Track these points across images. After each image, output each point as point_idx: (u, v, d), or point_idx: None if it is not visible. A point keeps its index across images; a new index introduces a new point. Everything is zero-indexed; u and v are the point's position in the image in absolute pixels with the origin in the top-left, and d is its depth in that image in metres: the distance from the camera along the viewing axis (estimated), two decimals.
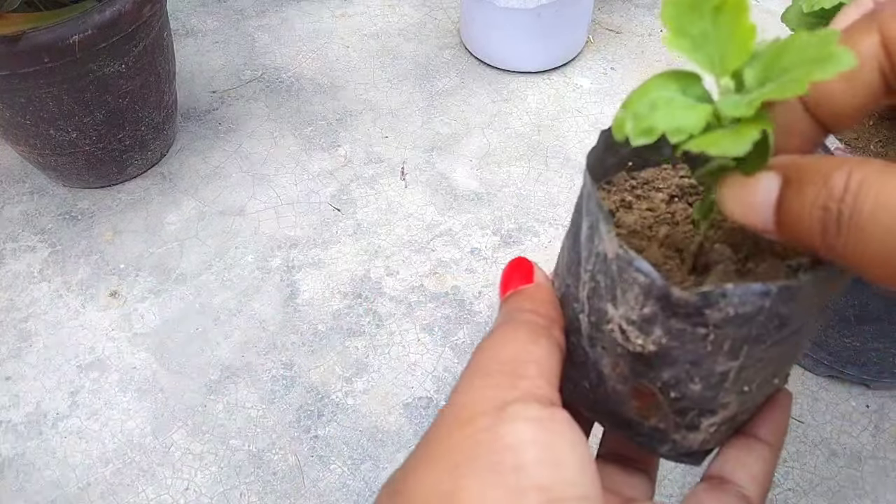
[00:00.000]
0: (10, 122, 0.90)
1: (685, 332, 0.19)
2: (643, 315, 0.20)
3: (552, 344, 0.22)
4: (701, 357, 0.20)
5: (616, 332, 0.21)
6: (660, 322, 0.20)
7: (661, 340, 0.20)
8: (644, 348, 0.20)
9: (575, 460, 0.19)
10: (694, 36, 0.19)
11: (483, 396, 0.20)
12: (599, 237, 0.20)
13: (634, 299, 0.20)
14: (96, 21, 0.83)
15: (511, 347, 0.21)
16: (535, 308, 0.23)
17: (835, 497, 0.75)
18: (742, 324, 0.19)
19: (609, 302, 0.21)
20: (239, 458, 0.78)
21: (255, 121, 1.14)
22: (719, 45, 0.18)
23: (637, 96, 0.19)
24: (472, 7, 1.16)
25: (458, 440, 0.19)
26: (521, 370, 0.20)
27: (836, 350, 0.78)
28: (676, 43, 0.19)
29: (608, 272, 0.20)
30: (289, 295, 0.92)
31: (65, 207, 1.02)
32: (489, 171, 1.06)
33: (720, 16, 0.18)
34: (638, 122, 0.18)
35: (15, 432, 0.80)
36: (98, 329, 0.89)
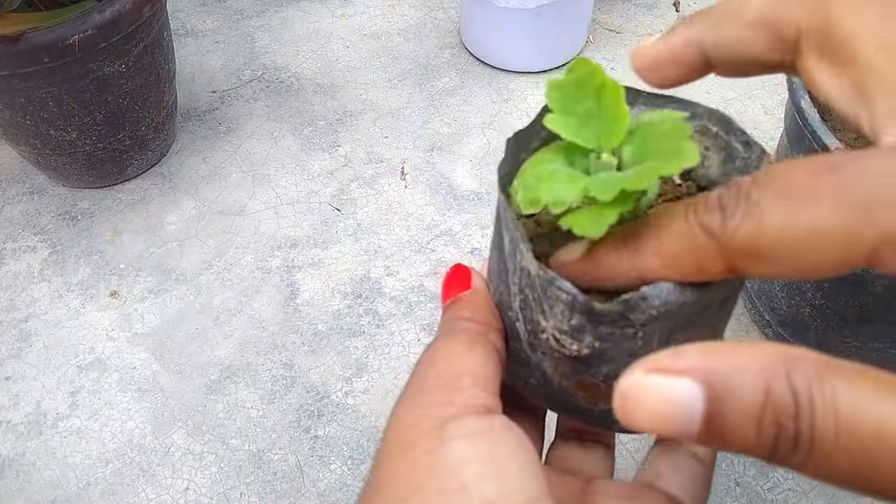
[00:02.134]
0: (10, 122, 0.90)
1: (615, 335, 0.20)
2: (572, 326, 0.21)
3: (488, 350, 0.22)
4: (635, 349, 0.21)
5: (551, 340, 0.22)
6: (588, 330, 0.21)
7: (595, 344, 0.21)
8: (579, 352, 0.21)
9: (516, 466, 0.19)
10: (580, 115, 0.21)
11: (422, 415, 0.20)
12: (521, 254, 0.21)
13: (561, 313, 0.21)
14: (96, 21, 0.83)
15: (448, 360, 0.22)
16: (471, 315, 0.24)
17: (835, 497, 0.75)
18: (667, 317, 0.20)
19: (540, 314, 0.21)
20: (239, 458, 0.78)
21: (255, 121, 1.14)
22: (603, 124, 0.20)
23: (529, 167, 0.21)
24: (472, 7, 1.16)
25: (403, 468, 0.19)
26: (456, 382, 0.21)
27: (836, 350, 0.78)
28: (563, 122, 0.21)
29: (534, 287, 0.21)
30: (289, 295, 0.92)
31: (65, 207, 1.02)
32: (489, 171, 1.06)
33: (602, 95, 0.21)
34: (526, 193, 0.20)
35: (15, 432, 0.80)
36: (98, 329, 0.89)
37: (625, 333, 0.20)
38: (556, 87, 0.21)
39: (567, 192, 0.20)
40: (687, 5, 1.34)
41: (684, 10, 1.33)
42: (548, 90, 0.21)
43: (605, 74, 0.21)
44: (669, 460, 0.25)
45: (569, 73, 0.21)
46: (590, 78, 0.21)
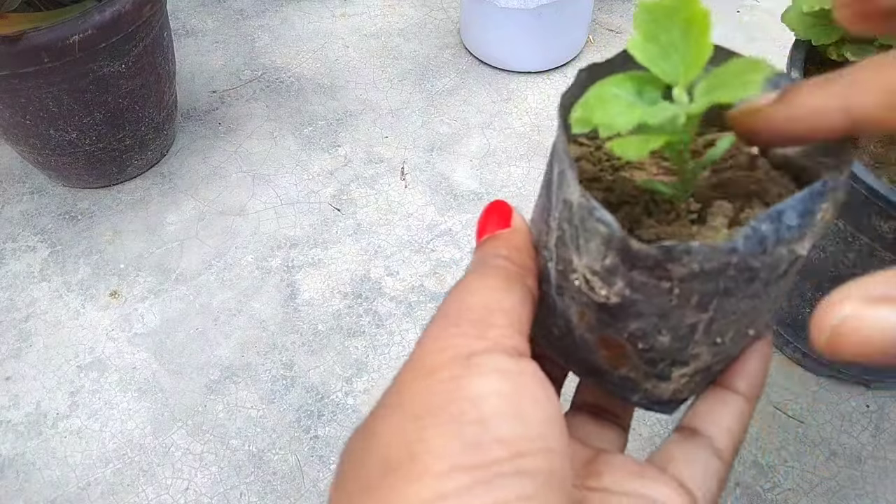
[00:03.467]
0: (10, 122, 0.90)
1: (648, 285, 0.19)
2: (605, 266, 0.20)
3: (525, 292, 0.21)
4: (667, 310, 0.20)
5: (581, 281, 0.21)
6: (621, 273, 0.19)
7: (625, 292, 0.20)
8: (608, 299, 0.20)
9: (539, 412, 0.18)
10: (663, 45, 0.20)
11: (450, 345, 0.19)
12: (566, 184, 0.20)
13: (596, 249, 0.20)
14: (96, 21, 0.83)
15: (481, 295, 0.21)
16: (509, 254, 0.22)
17: (835, 497, 0.75)
18: (709, 279, 0.19)
19: (574, 251, 0.20)
20: (239, 458, 0.78)
21: (255, 121, 1.14)
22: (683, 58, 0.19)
23: (595, 89, 0.20)
24: (472, 7, 1.16)
25: (421, 389, 0.19)
26: (491, 319, 0.20)
27: None
28: (643, 49, 0.20)
29: (572, 220, 0.20)
30: (289, 295, 0.92)
31: (65, 207, 1.02)
32: (489, 171, 1.06)
33: (690, 28, 0.19)
34: (581, 111, 0.19)
35: (15, 432, 0.80)
36: (98, 329, 0.89)
37: (660, 287, 0.19)
38: (645, 9, 0.20)
39: (621, 117, 0.19)
40: None
41: None
42: (637, 12, 0.20)
43: (698, 4, 0.20)
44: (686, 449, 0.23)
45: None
46: (681, 6, 0.19)
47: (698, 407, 0.24)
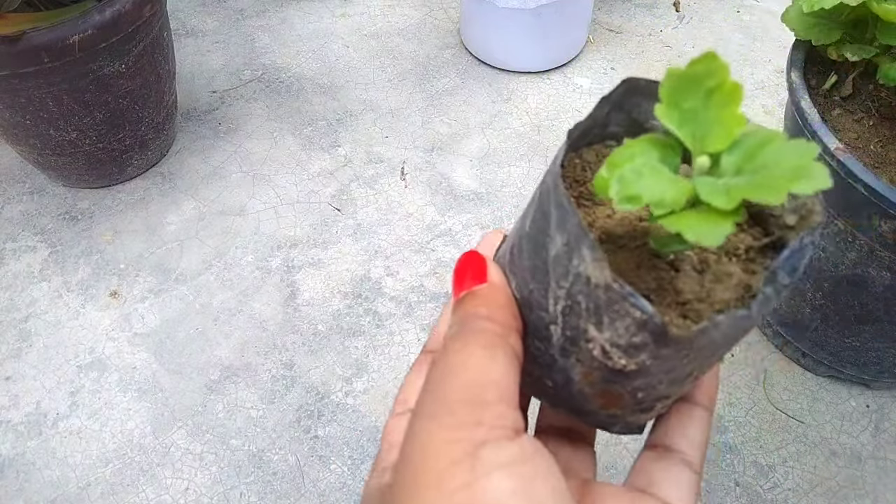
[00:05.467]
0: (10, 122, 0.90)
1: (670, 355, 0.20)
2: (632, 342, 0.20)
3: (509, 357, 0.21)
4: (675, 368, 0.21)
5: (597, 350, 0.21)
6: (649, 349, 0.20)
7: (646, 362, 0.20)
8: (625, 367, 0.20)
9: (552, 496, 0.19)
10: (683, 111, 0.20)
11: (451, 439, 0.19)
12: (581, 259, 0.20)
13: (625, 329, 0.20)
14: (96, 21, 0.83)
15: (468, 370, 0.21)
16: (490, 314, 0.22)
17: (835, 497, 0.75)
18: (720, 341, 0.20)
19: (592, 324, 0.20)
20: (239, 458, 0.78)
21: (255, 121, 1.14)
22: (704, 125, 0.19)
23: (623, 159, 0.19)
24: (472, 7, 1.16)
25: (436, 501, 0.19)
26: (483, 396, 0.20)
27: (836, 350, 0.78)
28: (667, 115, 0.20)
29: (592, 296, 0.20)
30: (289, 295, 0.92)
31: (65, 207, 1.02)
32: (489, 171, 1.06)
33: (712, 98, 0.19)
34: (623, 188, 0.19)
35: (15, 432, 0.80)
36: (98, 329, 0.89)
37: (679, 354, 0.20)
38: (672, 76, 0.20)
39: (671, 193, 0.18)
40: (687, 5, 1.34)
41: (684, 10, 1.33)
42: (665, 78, 0.20)
43: (726, 74, 0.20)
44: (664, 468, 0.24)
45: (692, 64, 0.20)
46: (708, 75, 0.20)
47: (667, 424, 0.25)
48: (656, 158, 0.20)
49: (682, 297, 0.22)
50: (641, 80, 0.22)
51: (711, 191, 0.18)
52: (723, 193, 0.18)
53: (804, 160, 0.18)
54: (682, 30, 1.29)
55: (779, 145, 0.19)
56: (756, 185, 0.18)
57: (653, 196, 0.19)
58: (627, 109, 0.24)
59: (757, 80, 1.19)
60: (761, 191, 0.18)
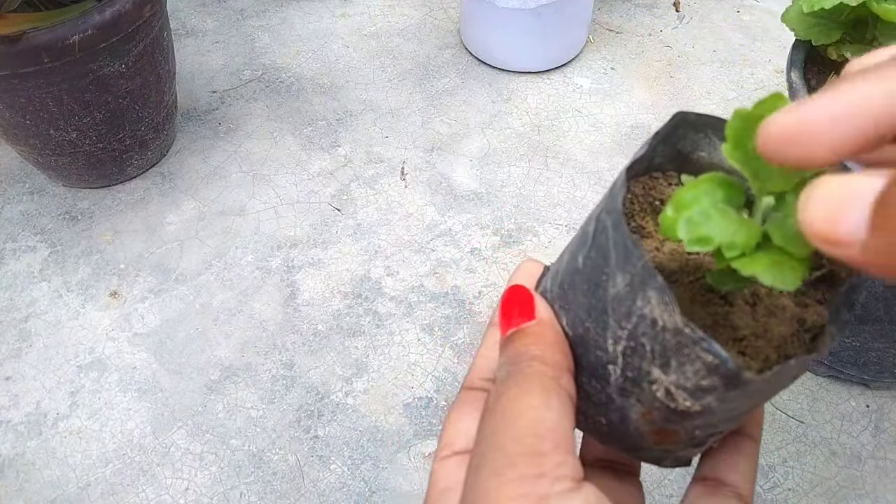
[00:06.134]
0: (10, 122, 0.90)
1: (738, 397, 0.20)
2: (701, 385, 0.20)
3: (563, 401, 0.21)
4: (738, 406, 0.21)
5: (661, 392, 0.21)
6: (717, 393, 0.20)
7: (711, 404, 0.20)
8: (690, 408, 0.20)
9: None
10: (748, 151, 0.19)
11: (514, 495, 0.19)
12: (646, 301, 0.20)
13: (694, 373, 0.19)
14: (96, 21, 0.83)
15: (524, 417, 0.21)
16: (542, 354, 0.22)
17: (835, 497, 0.75)
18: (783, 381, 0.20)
19: (658, 367, 0.20)
20: (239, 458, 0.78)
21: (255, 121, 1.14)
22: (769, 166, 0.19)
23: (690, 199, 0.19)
24: (472, 7, 1.16)
25: None
26: (542, 446, 0.20)
27: (836, 350, 0.78)
28: (733, 154, 0.19)
29: (658, 339, 0.20)
30: (289, 295, 0.92)
31: (65, 207, 1.02)
32: (489, 171, 1.06)
33: None
34: (692, 230, 0.19)
35: (15, 432, 0.80)
36: (98, 329, 0.89)
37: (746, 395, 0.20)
38: (739, 117, 0.20)
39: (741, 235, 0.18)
40: (687, 5, 1.34)
41: (684, 10, 1.33)
42: (731, 119, 0.20)
43: None
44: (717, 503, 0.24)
45: (758, 105, 0.20)
46: None
47: (717, 457, 0.25)
48: (722, 199, 0.20)
49: (738, 334, 0.21)
50: (691, 114, 0.23)
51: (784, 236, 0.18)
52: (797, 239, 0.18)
53: None
54: (682, 30, 1.29)
55: None
56: None
57: (724, 238, 0.18)
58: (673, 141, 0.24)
59: (757, 80, 1.19)
60: None
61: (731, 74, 1.20)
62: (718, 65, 1.22)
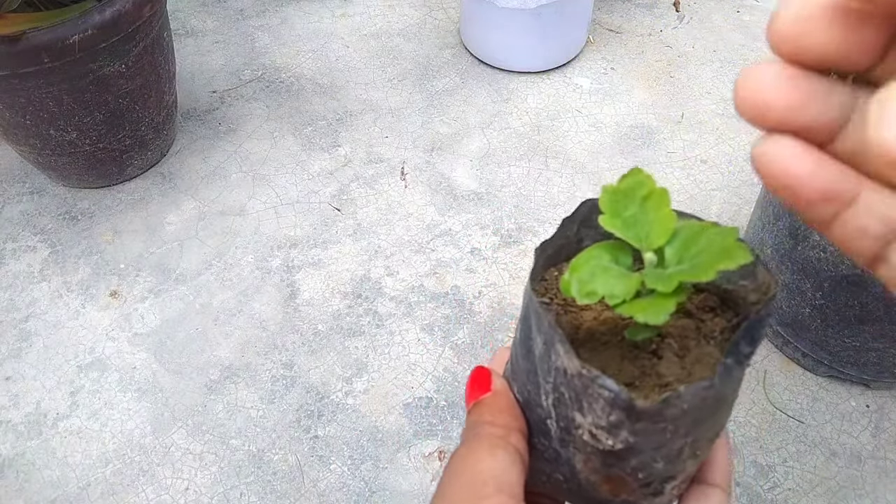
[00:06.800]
0: (10, 122, 0.90)
1: (648, 429, 0.22)
2: (611, 422, 0.22)
3: (510, 453, 0.24)
4: (662, 443, 0.23)
5: (586, 435, 0.23)
6: (626, 426, 0.22)
7: (629, 439, 0.23)
8: (613, 447, 0.23)
9: None
10: (625, 218, 0.24)
11: None
12: (556, 354, 0.23)
13: (601, 410, 0.22)
14: (96, 21, 0.83)
15: (471, 469, 0.23)
16: (493, 419, 0.25)
17: (835, 497, 0.75)
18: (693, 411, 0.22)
19: (576, 411, 0.23)
20: (239, 458, 0.78)
21: (255, 121, 1.14)
22: (645, 227, 0.23)
23: (581, 263, 0.23)
24: (472, 7, 1.16)
25: None
26: (481, 491, 0.22)
27: (836, 350, 0.78)
28: (611, 223, 0.23)
29: (571, 385, 0.23)
30: (289, 295, 0.92)
31: (65, 207, 1.02)
32: (489, 171, 1.06)
33: (647, 203, 0.23)
34: (581, 286, 0.23)
35: (15, 432, 0.80)
36: (98, 329, 0.89)
37: (657, 428, 0.22)
38: (609, 192, 0.24)
39: (620, 285, 0.22)
40: (687, 5, 1.34)
41: (684, 10, 1.33)
42: (601, 194, 0.24)
43: (653, 183, 0.24)
44: None
45: (622, 180, 0.24)
46: (639, 186, 0.24)
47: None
48: (608, 260, 0.24)
49: (663, 381, 0.25)
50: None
51: (655, 279, 0.22)
52: (664, 280, 0.22)
53: (727, 242, 0.22)
54: (682, 30, 1.29)
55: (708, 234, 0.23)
56: (691, 269, 0.22)
57: (606, 290, 0.22)
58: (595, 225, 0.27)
59: None
60: (695, 273, 0.21)
61: (731, 74, 1.20)
62: (718, 65, 1.22)
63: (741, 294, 0.26)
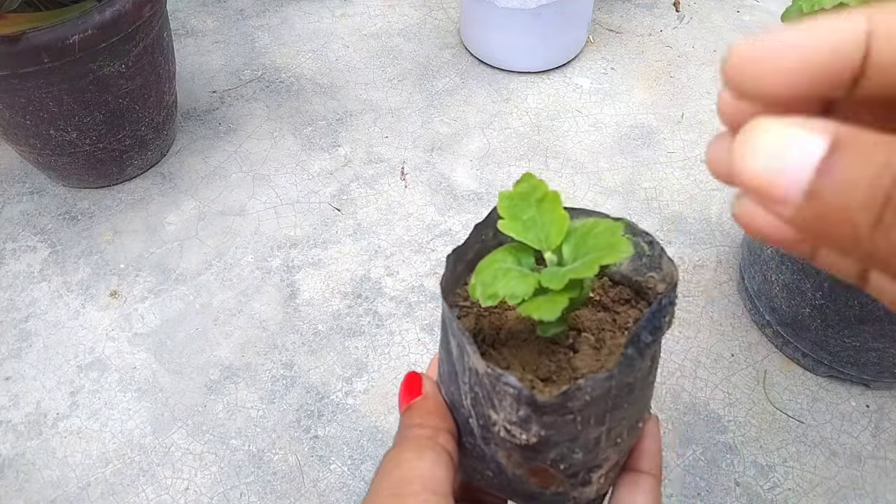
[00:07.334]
0: (10, 122, 0.90)
1: (557, 422, 0.23)
2: (520, 417, 0.23)
3: (437, 453, 0.25)
4: (575, 434, 0.24)
5: (502, 431, 0.24)
6: (535, 420, 0.23)
7: (541, 433, 0.23)
8: (528, 441, 0.24)
9: None
10: (524, 221, 0.25)
11: None
12: (468, 355, 0.24)
13: (510, 406, 0.23)
14: (96, 21, 0.83)
15: (398, 468, 0.24)
16: (421, 421, 0.26)
17: (835, 497, 0.75)
18: (600, 402, 0.23)
19: (490, 409, 0.24)
20: (239, 458, 0.78)
21: (255, 121, 1.14)
22: (544, 228, 0.24)
23: (484, 266, 0.24)
24: (472, 7, 1.16)
25: None
26: (406, 488, 0.23)
27: (836, 350, 0.78)
28: (511, 226, 0.24)
29: (483, 384, 0.24)
30: (289, 295, 0.92)
31: (65, 207, 1.02)
32: (489, 171, 1.06)
33: (542, 205, 0.25)
34: (485, 289, 0.24)
35: (15, 432, 0.80)
36: (98, 329, 0.89)
37: (565, 420, 0.23)
38: (505, 197, 0.25)
39: (520, 286, 0.23)
40: (687, 5, 1.34)
41: (684, 10, 1.33)
42: (499, 200, 0.25)
43: (545, 187, 0.25)
44: None
45: (516, 185, 0.25)
46: (533, 190, 0.25)
47: (620, 495, 0.28)
48: (511, 262, 0.25)
49: (578, 373, 0.25)
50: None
51: (549, 278, 0.23)
52: (556, 278, 0.23)
53: (613, 238, 0.23)
54: (682, 30, 1.29)
55: (597, 230, 0.24)
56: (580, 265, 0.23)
57: (506, 291, 0.23)
58: None
59: None
60: (583, 269, 0.22)
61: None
62: (718, 65, 1.22)
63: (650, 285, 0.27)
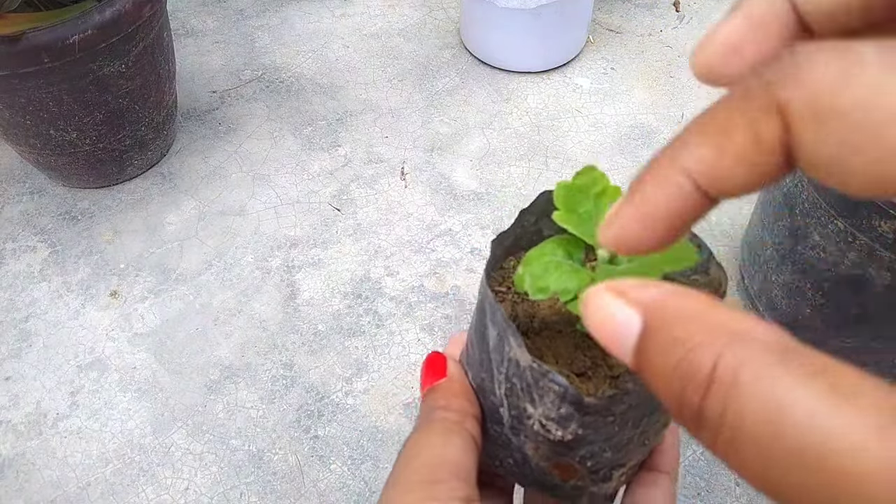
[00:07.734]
0: (10, 122, 0.90)
1: (597, 422, 0.23)
2: (560, 414, 0.23)
3: (464, 439, 0.24)
4: (611, 435, 0.24)
5: (537, 426, 0.24)
6: (575, 419, 0.23)
7: (578, 431, 0.23)
8: (563, 437, 0.23)
9: None
10: (580, 214, 0.24)
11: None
12: (510, 346, 0.23)
13: (551, 403, 0.23)
14: (96, 21, 0.83)
15: (426, 453, 0.24)
16: (447, 403, 0.26)
17: None
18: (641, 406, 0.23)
19: (528, 402, 0.24)
20: (239, 458, 0.78)
21: (255, 121, 1.14)
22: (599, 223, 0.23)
23: (534, 258, 0.24)
24: (472, 7, 1.16)
25: None
26: (437, 475, 0.23)
27: (836, 350, 0.78)
28: (566, 218, 0.24)
29: (523, 377, 0.23)
30: (289, 295, 0.92)
31: (65, 207, 1.02)
32: (489, 171, 1.06)
33: (601, 200, 0.24)
34: (534, 281, 0.23)
35: (15, 432, 0.80)
36: (98, 329, 0.89)
37: (605, 421, 0.23)
38: (562, 187, 0.24)
39: (573, 281, 0.23)
40: (687, 5, 1.34)
41: (684, 10, 1.33)
42: (556, 190, 0.24)
43: (607, 181, 0.24)
44: None
45: (576, 177, 0.24)
46: (593, 183, 0.24)
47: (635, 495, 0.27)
48: (562, 255, 0.24)
49: (614, 372, 0.25)
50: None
51: (604, 276, 0.22)
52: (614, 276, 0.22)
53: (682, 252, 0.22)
54: (682, 30, 1.29)
55: None
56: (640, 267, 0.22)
57: (558, 286, 0.23)
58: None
59: None
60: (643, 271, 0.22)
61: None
62: None
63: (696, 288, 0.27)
